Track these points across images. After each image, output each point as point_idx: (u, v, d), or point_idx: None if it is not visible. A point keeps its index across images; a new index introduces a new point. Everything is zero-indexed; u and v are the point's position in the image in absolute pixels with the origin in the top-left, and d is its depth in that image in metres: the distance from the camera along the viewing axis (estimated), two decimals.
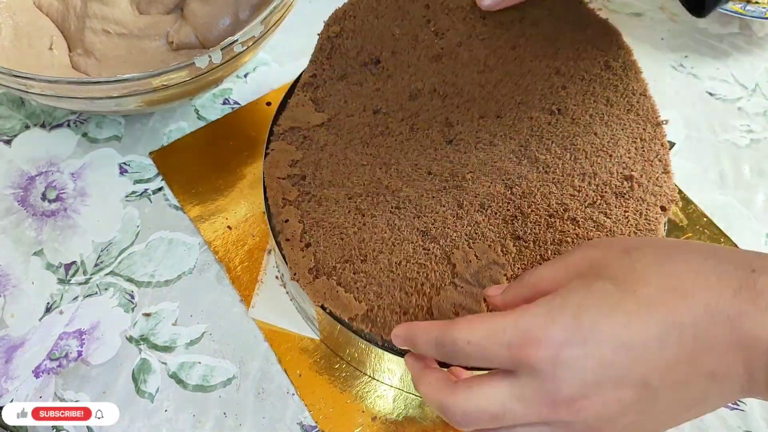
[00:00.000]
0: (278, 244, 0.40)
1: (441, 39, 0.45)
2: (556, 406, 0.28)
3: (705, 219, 0.50)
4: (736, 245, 0.49)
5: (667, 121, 0.43)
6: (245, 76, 0.57)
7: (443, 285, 0.37)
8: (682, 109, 0.57)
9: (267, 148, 0.43)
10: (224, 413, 0.42)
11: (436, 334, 0.30)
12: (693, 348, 0.27)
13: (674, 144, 0.53)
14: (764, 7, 0.59)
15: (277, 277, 0.46)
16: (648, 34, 0.62)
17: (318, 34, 0.46)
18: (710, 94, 0.58)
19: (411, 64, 0.44)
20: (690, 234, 0.49)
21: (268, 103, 0.56)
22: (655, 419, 0.29)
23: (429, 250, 0.38)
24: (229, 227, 0.49)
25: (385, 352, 0.37)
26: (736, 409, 0.43)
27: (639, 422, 0.29)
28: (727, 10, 0.58)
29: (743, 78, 0.59)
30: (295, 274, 0.38)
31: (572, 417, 0.28)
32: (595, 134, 0.42)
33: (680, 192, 0.51)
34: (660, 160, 0.41)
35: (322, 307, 0.38)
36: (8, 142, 0.53)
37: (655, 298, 0.28)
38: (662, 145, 0.42)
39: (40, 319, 0.45)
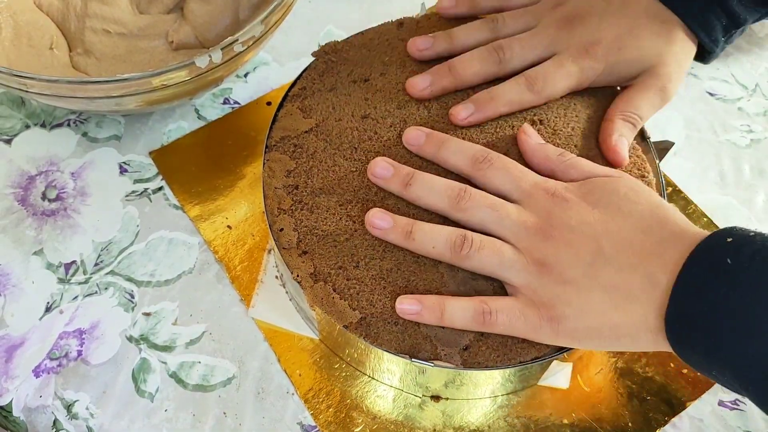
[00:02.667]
0: (278, 249, 0.40)
1: (427, 66, 0.46)
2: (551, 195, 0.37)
3: (705, 219, 0.50)
4: None
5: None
6: (245, 76, 0.57)
7: (433, 292, 0.38)
8: (682, 109, 0.57)
9: (264, 157, 0.43)
10: (224, 413, 0.42)
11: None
12: (648, 242, 0.34)
13: (674, 144, 0.53)
14: None
15: (277, 277, 0.46)
16: None
17: (312, 54, 0.47)
18: (710, 94, 0.58)
19: (399, 82, 0.46)
20: None
21: (269, 103, 0.56)
22: (590, 297, 0.34)
23: (419, 256, 0.39)
24: (229, 227, 0.49)
25: (385, 353, 0.37)
26: (736, 409, 0.43)
27: (580, 286, 0.35)
28: None
29: (743, 78, 0.59)
30: (297, 276, 0.39)
31: (550, 244, 0.36)
32: (576, 146, 0.43)
33: (680, 192, 0.51)
34: (644, 176, 0.42)
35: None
36: (8, 142, 0.53)
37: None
38: (645, 160, 0.43)
39: (40, 319, 0.45)
